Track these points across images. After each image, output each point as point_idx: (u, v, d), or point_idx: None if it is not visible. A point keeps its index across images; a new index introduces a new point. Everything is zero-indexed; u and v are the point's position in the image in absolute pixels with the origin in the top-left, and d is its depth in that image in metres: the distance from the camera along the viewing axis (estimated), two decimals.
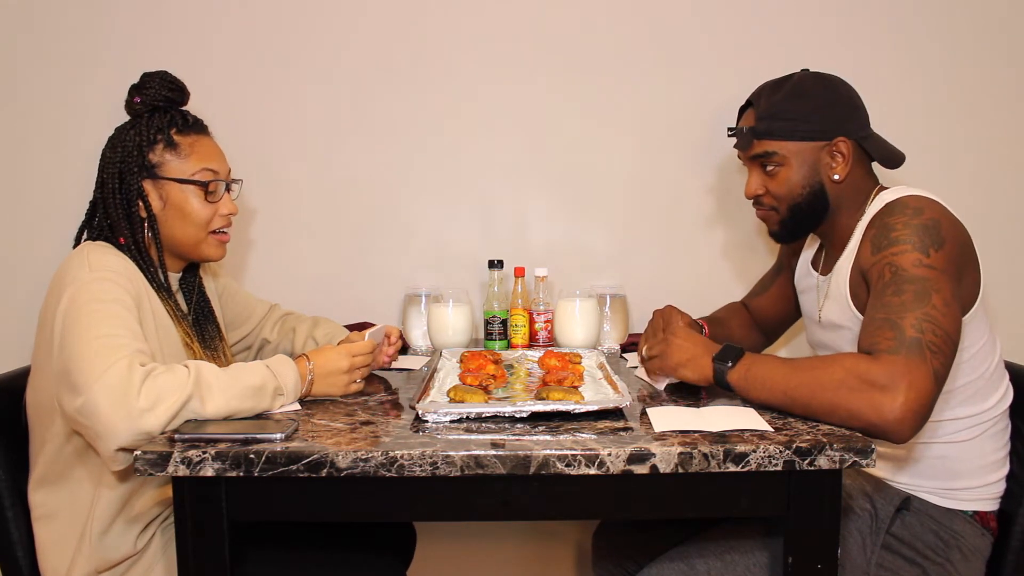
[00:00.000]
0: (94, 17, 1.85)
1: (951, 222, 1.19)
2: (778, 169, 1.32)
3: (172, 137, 1.31)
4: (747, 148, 1.35)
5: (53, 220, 1.87)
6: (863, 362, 1.08)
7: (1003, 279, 1.90)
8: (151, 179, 1.29)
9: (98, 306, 1.14)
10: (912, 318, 1.09)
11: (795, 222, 1.35)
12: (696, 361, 1.24)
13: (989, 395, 1.28)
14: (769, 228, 1.40)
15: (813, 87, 1.32)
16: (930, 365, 1.06)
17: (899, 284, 1.13)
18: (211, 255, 1.36)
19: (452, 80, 1.90)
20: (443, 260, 1.94)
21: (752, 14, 1.88)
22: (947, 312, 1.10)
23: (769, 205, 1.36)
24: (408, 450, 0.99)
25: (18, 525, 1.25)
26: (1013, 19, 1.87)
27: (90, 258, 1.20)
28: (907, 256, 1.15)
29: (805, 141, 1.30)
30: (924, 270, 1.13)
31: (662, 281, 1.95)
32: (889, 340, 1.09)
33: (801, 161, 1.31)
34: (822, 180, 1.31)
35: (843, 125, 1.30)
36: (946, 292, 1.12)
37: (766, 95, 1.34)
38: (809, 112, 1.30)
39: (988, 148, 1.90)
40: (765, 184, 1.35)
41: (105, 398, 1.04)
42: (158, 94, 1.32)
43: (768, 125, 1.31)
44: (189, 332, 1.34)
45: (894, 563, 1.24)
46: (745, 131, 1.34)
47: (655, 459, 0.99)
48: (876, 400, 1.04)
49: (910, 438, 1.05)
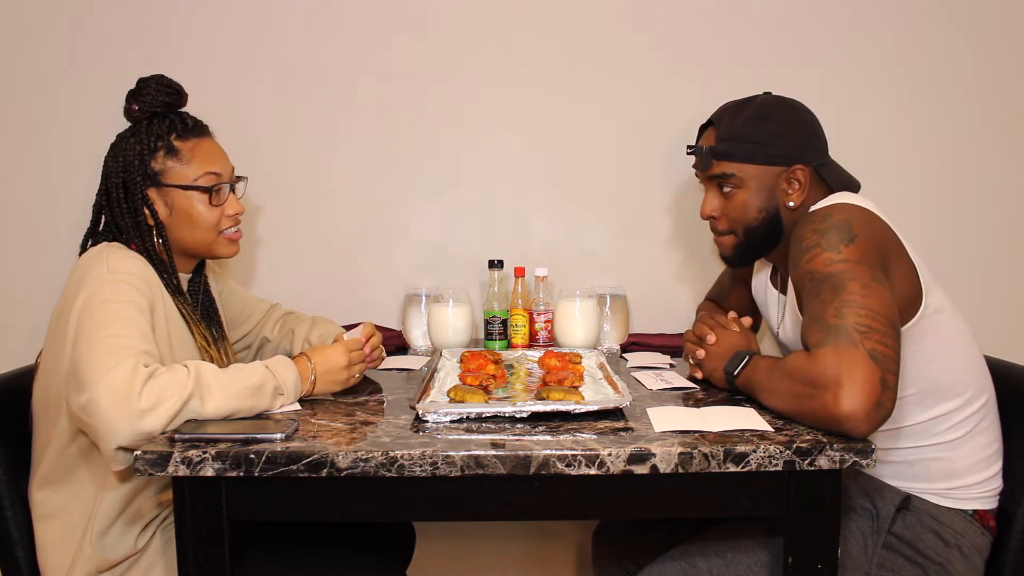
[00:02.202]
0: (95, 15, 1.84)
1: (863, 219, 1.19)
2: (735, 191, 1.33)
3: (172, 143, 1.31)
4: (706, 168, 1.35)
5: (56, 223, 1.86)
6: (799, 365, 1.08)
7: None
8: (155, 187, 1.30)
9: (112, 306, 1.15)
10: (832, 309, 1.08)
11: (749, 246, 1.37)
12: (717, 373, 1.31)
13: (965, 389, 1.27)
14: (722, 252, 1.41)
15: (776, 112, 1.32)
16: (862, 347, 1.03)
17: (817, 286, 1.13)
18: (224, 253, 1.38)
19: (453, 80, 1.90)
20: (443, 260, 1.94)
21: (755, 15, 1.88)
22: (867, 292, 1.08)
23: (725, 229, 1.37)
24: (408, 450, 0.99)
25: (18, 524, 1.25)
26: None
27: (110, 259, 1.22)
28: (819, 258, 1.15)
29: (765, 166, 1.30)
30: (838, 265, 1.12)
31: (662, 281, 1.95)
32: (816, 335, 1.08)
33: (759, 185, 1.31)
34: (778, 206, 1.32)
35: (803, 153, 1.30)
36: (864, 276, 1.10)
37: (728, 115, 1.34)
38: (771, 137, 1.30)
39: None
40: (721, 206, 1.35)
41: (107, 397, 1.04)
42: (155, 100, 1.32)
43: (729, 147, 1.31)
44: (205, 334, 1.35)
45: (895, 562, 1.24)
46: (705, 151, 1.34)
47: (655, 459, 0.99)
48: (821, 400, 1.03)
49: (872, 427, 1.01)
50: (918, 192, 1.90)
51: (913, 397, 1.26)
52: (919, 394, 1.26)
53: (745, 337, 1.34)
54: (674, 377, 1.41)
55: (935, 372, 1.25)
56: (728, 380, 1.27)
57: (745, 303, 1.61)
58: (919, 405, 1.26)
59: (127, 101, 1.34)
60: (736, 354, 1.26)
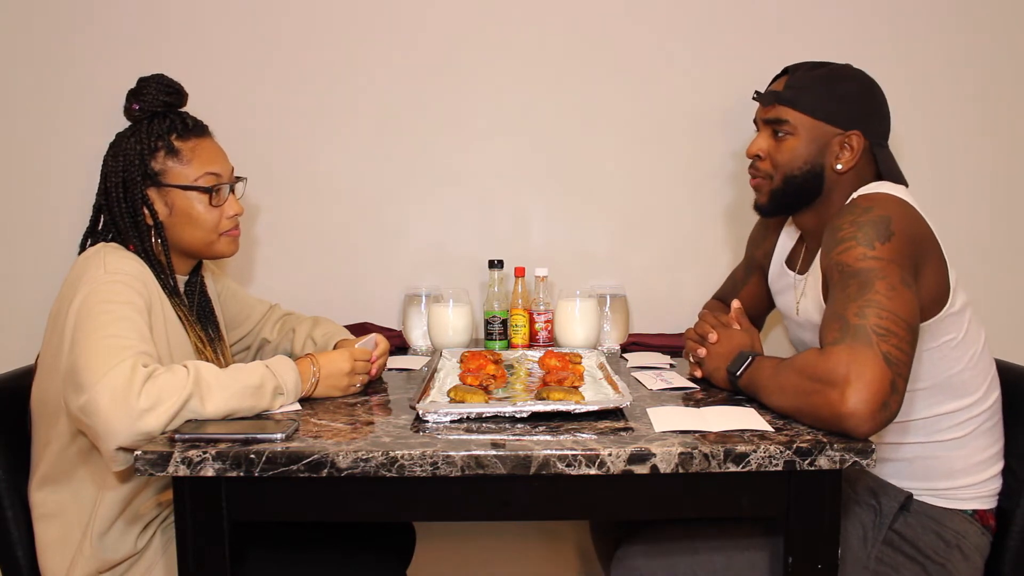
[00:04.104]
0: (94, 16, 1.84)
1: (904, 217, 1.18)
2: (787, 138, 1.32)
3: (173, 143, 1.31)
4: (767, 107, 1.35)
5: (56, 223, 1.86)
6: (810, 361, 1.08)
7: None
8: (155, 187, 1.30)
9: (110, 307, 1.15)
10: (855, 307, 1.08)
11: (784, 195, 1.35)
12: (719, 373, 1.30)
13: (976, 389, 1.27)
14: (757, 199, 1.40)
15: (851, 77, 1.33)
16: (877, 349, 1.03)
17: (845, 280, 1.13)
18: (224, 252, 1.37)
19: (453, 80, 1.90)
20: (443, 260, 1.94)
21: (756, 15, 1.88)
22: (893, 295, 1.08)
23: (765, 172, 1.36)
24: (408, 450, 0.99)
25: (18, 525, 1.24)
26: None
27: (106, 260, 1.22)
28: (852, 252, 1.14)
29: (823, 122, 1.30)
30: (869, 262, 1.12)
31: (662, 281, 1.95)
32: (834, 332, 1.08)
33: (811, 138, 1.31)
34: (824, 164, 1.31)
35: (864, 123, 1.30)
36: (892, 278, 1.10)
37: (804, 68, 1.35)
38: (838, 97, 1.30)
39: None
40: (769, 148, 1.35)
41: (106, 398, 1.04)
42: (156, 99, 1.32)
43: (794, 94, 1.32)
44: (200, 335, 1.35)
45: (895, 559, 1.24)
46: (770, 93, 1.35)
47: (655, 459, 0.99)
48: (827, 396, 1.03)
49: (875, 427, 1.01)
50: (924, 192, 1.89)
51: (924, 392, 1.26)
52: (930, 389, 1.26)
53: (748, 337, 1.33)
54: (674, 377, 1.41)
55: (950, 369, 1.25)
56: (730, 380, 1.26)
57: (759, 295, 1.60)
58: (928, 400, 1.26)
59: (127, 100, 1.33)
60: (739, 354, 1.26)
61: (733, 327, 1.35)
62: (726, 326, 1.36)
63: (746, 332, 1.34)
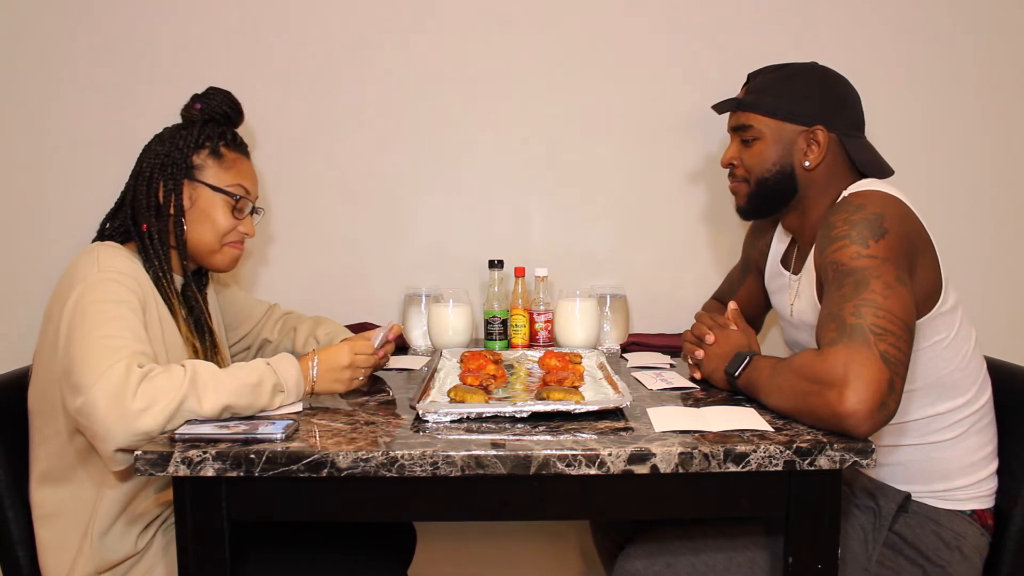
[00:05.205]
0: (95, 15, 1.84)
1: (897, 214, 1.18)
2: (754, 142, 1.35)
3: (219, 148, 1.36)
4: (729, 114, 1.40)
5: (56, 223, 1.87)
6: (808, 361, 1.08)
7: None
8: (188, 179, 1.33)
9: (104, 306, 1.15)
10: (851, 306, 1.08)
11: (760, 198, 1.38)
12: (717, 374, 1.31)
13: (968, 388, 1.27)
14: (736, 202, 1.43)
15: (808, 76, 1.34)
16: (875, 348, 1.03)
17: (840, 279, 1.13)
18: (221, 264, 1.38)
19: (453, 80, 1.90)
20: (443, 260, 1.94)
21: (755, 14, 1.88)
22: (889, 294, 1.08)
23: (740, 177, 1.39)
24: (408, 450, 0.99)
25: (18, 525, 1.25)
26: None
27: (100, 258, 1.22)
28: (846, 250, 1.15)
29: (784, 122, 1.32)
30: (864, 260, 1.12)
31: (662, 281, 1.95)
32: (831, 332, 1.08)
33: (776, 139, 1.33)
34: (793, 163, 1.33)
35: (827, 117, 1.31)
36: (888, 276, 1.10)
37: (764, 72, 1.38)
38: (797, 97, 1.32)
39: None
40: (740, 155, 1.38)
41: (103, 399, 1.04)
42: (219, 107, 1.39)
43: (755, 98, 1.35)
44: (193, 335, 1.35)
45: (896, 562, 1.24)
46: (731, 100, 1.39)
47: (655, 459, 0.99)
48: (826, 397, 1.03)
49: (873, 427, 1.01)
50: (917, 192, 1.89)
51: (918, 392, 1.26)
52: (924, 389, 1.26)
53: (745, 337, 1.34)
54: (674, 377, 1.41)
55: (942, 369, 1.25)
56: (729, 381, 1.27)
57: (756, 295, 1.61)
58: (922, 401, 1.26)
59: (191, 100, 1.39)
60: (737, 355, 1.26)
61: (730, 328, 1.35)
62: (723, 327, 1.36)
63: (743, 332, 1.35)
